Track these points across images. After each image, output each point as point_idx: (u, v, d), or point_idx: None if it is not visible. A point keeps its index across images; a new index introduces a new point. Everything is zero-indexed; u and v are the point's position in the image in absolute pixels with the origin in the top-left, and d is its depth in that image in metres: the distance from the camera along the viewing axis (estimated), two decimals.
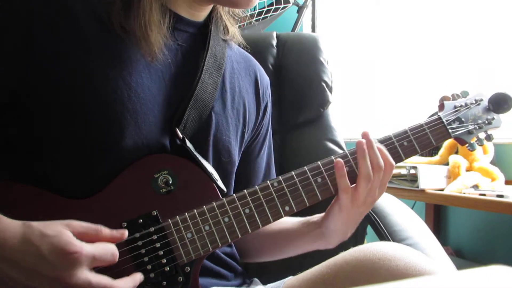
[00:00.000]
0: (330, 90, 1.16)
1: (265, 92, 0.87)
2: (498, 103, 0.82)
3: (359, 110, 2.29)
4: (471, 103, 0.82)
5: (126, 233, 0.60)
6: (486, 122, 0.81)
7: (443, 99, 0.82)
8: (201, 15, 0.76)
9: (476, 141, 0.81)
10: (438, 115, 0.80)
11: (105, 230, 0.58)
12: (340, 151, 1.13)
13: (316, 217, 0.79)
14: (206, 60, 0.74)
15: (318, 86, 1.14)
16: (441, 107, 0.82)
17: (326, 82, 1.15)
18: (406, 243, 0.93)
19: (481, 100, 0.83)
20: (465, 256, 1.75)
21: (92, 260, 0.55)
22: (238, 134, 0.79)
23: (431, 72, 1.93)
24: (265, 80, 0.89)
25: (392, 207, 1.00)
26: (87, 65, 0.64)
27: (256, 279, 0.87)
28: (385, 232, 0.95)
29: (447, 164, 1.46)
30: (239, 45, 0.85)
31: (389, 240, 0.95)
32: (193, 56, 0.75)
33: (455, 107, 0.81)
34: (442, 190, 1.41)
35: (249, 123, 0.82)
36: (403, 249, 0.67)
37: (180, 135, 0.69)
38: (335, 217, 0.74)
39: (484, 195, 1.28)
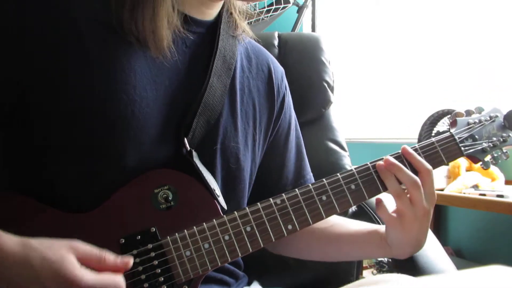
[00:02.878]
0: (332, 90, 1.15)
1: (280, 85, 0.82)
2: None
3: (361, 110, 2.28)
4: (486, 120, 0.78)
5: (130, 262, 0.57)
6: (501, 139, 0.78)
7: (456, 115, 0.78)
8: (212, 12, 0.72)
9: (491, 159, 0.78)
10: (450, 132, 0.76)
11: (109, 257, 0.55)
12: (342, 152, 1.12)
13: (382, 228, 0.74)
14: (214, 62, 0.70)
15: (319, 86, 1.13)
16: (454, 123, 0.78)
17: (327, 82, 1.14)
18: None
19: (496, 116, 0.79)
20: (465, 256, 1.74)
21: None
22: (248, 138, 0.75)
23: (432, 71, 1.92)
24: (279, 72, 0.83)
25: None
26: (88, 78, 0.60)
27: (255, 282, 0.86)
28: None
29: (447, 164, 1.48)
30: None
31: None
32: (200, 58, 0.71)
33: (468, 123, 0.77)
34: (442, 190, 1.40)
35: (260, 124, 0.78)
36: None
37: (188, 147, 0.66)
38: (393, 234, 0.70)
39: (484, 195, 1.28)
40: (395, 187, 0.67)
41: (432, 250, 0.91)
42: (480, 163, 0.77)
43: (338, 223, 0.80)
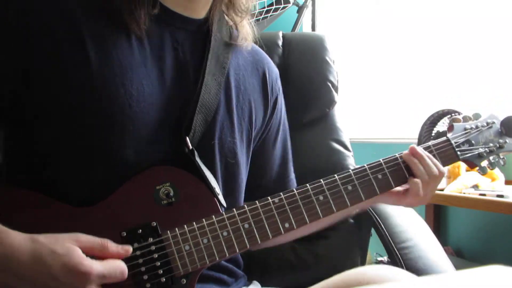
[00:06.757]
0: (336, 90, 1.15)
1: (274, 85, 0.84)
2: (511, 127, 0.80)
3: (364, 110, 2.28)
4: (482, 126, 0.80)
5: (130, 249, 0.60)
6: (498, 145, 0.79)
7: (454, 120, 0.81)
8: (199, 10, 0.73)
9: (487, 164, 0.79)
10: (447, 137, 0.78)
11: (111, 246, 0.58)
12: (346, 152, 1.13)
13: None
14: (208, 61, 0.71)
15: (323, 86, 1.14)
16: (451, 128, 0.79)
17: (331, 82, 1.14)
18: (407, 245, 0.94)
19: (493, 123, 0.80)
20: (465, 256, 1.74)
21: (102, 279, 0.55)
22: (243, 134, 0.76)
23: (434, 69, 1.92)
24: (274, 73, 0.85)
25: (394, 208, 1.00)
26: (85, 72, 0.62)
27: (255, 281, 0.86)
28: (386, 234, 0.96)
29: None
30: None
31: (389, 242, 0.98)
32: (194, 57, 0.72)
33: (465, 129, 0.79)
34: (442, 190, 1.41)
35: (256, 121, 0.79)
36: (396, 275, 0.68)
37: (190, 146, 0.68)
38: (392, 200, 0.78)
39: (484, 195, 1.28)
40: (422, 172, 0.74)
41: (432, 250, 0.93)
42: (477, 168, 0.79)
43: None
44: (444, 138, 0.78)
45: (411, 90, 2.05)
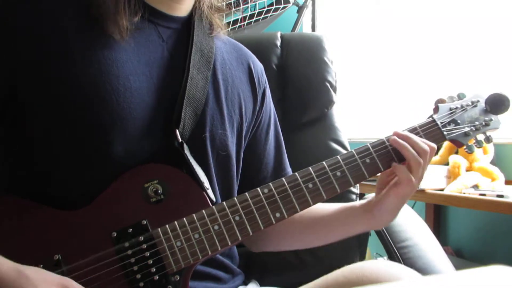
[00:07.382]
0: (334, 90, 1.15)
1: (261, 78, 0.85)
2: (495, 104, 0.80)
3: (363, 110, 2.27)
4: (467, 105, 0.80)
5: None
6: (484, 123, 0.80)
7: (438, 101, 0.81)
8: (182, 8, 0.74)
9: (474, 143, 0.79)
10: (432, 118, 0.78)
11: None
12: (344, 152, 1.10)
13: (362, 202, 0.78)
14: (192, 56, 0.73)
15: (322, 86, 1.14)
16: (436, 109, 0.80)
17: (330, 82, 1.14)
18: (407, 244, 0.95)
19: (478, 101, 0.81)
20: (465, 256, 1.74)
21: None
22: (234, 126, 0.77)
23: (434, 70, 1.91)
24: (258, 67, 0.87)
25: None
26: (72, 69, 0.63)
27: (254, 281, 0.86)
28: (385, 233, 0.97)
29: (447, 164, 1.46)
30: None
31: (389, 241, 0.98)
32: (179, 53, 0.73)
33: (450, 109, 0.79)
34: (442, 190, 1.40)
35: (246, 113, 0.80)
36: (395, 269, 0.67)
37: (180, 139, 0.68)
38: (392, 199, 0.73)
39: (484, 195, 1.27)
40: (413, 154, 0.71)
41: (432, 250, 0.93)
42: (464, 147, 0.79)
43: (314, 208, 0.81)
44: (430, 119, 0.78)
45: (410, 90, 2.05)
